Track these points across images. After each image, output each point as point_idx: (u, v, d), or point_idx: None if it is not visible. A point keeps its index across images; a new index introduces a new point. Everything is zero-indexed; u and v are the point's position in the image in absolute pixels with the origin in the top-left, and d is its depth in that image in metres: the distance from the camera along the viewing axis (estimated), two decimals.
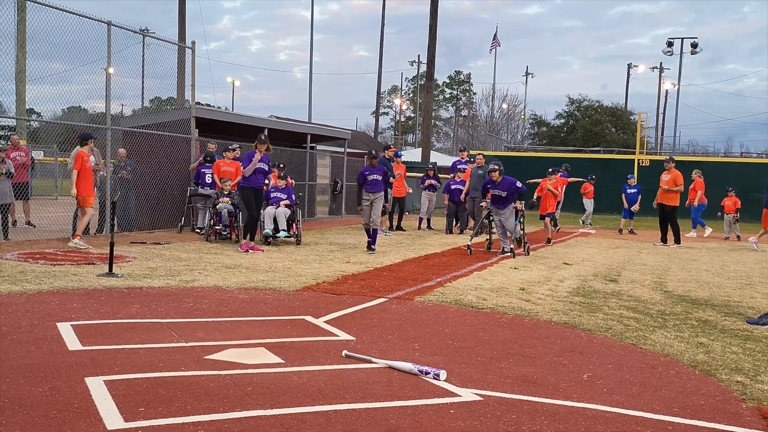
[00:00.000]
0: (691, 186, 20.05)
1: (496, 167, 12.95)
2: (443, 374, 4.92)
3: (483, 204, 13.65)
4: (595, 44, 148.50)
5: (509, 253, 12.99)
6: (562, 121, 63.97)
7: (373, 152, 13.79)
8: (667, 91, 66.84)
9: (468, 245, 13.30)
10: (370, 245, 12.92)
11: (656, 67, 67.89)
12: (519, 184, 12.98)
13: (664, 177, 16.35)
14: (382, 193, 13.14)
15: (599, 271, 11.29)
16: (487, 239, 14.15)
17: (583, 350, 5.99)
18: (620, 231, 21.16)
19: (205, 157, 15.26)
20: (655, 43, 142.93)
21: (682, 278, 10.87)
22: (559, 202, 19.04)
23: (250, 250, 12.02)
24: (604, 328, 6.85)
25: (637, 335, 6.61)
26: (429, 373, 4.94)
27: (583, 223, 24.41)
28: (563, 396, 4.66)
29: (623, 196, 20.88)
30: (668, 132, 67.02)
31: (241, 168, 12.83)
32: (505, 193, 12.92)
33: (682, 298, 8.87)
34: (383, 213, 13.44)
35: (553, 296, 8.61)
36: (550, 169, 17.83)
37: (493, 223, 13.60)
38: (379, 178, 13.02)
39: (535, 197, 17.80)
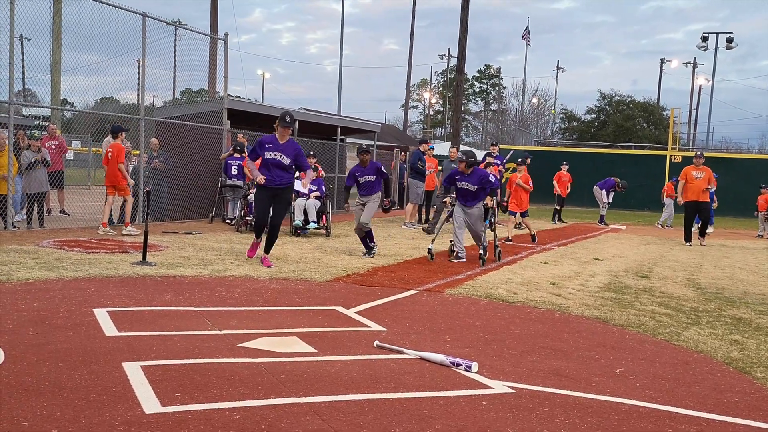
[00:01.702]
0: None
1: (464, 157, 10.81)
2: (475, 366, 4.93)
3: (446, 200, 11.49)
4: (627, 39, 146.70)
5: (463, 260, 10.84)
6: (593, 116, 63.36)
7: (364, 146, 11.62)
8: (700, 86, 65.90)
9: (429, 249, 10.99)
10: (369, 249, 11.00)
11: (690, 63, 66.98)
12: (492, 178, 11.00)
13: (696, 174, 15.54)
14: (379, 193, 11.11)
15: (630, 267, 11.20)
16: (451, 241, 11.51)
17: (615, 345, 5.95)
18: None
19: (235, 148, 15.38)
20: (688, 39, 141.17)
21: (715, 275, 10.74)
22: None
23: (261, 263, 9.29)
24: (636, 324, 6.81)
25: (669, 331, 6.56)
26: (461, 365, 4.96)
27: (662, 225, 22.05)
28: (596, 390, 4.64)
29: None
30: (701, 128, 66.22)
31: (247, 163, 10.77)
32: (475, 187, 10.71)
33: (716, 296, 8.78)
34: (387, 208, 11.35)
35: (584, 291, 8.57)
36: (519, 160, 16.50)
37: (453, 222, 11.16)
38: (373, 179, 11.05)
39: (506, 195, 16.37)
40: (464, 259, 10.82)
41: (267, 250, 9.40)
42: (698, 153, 16.36)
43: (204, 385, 4.25)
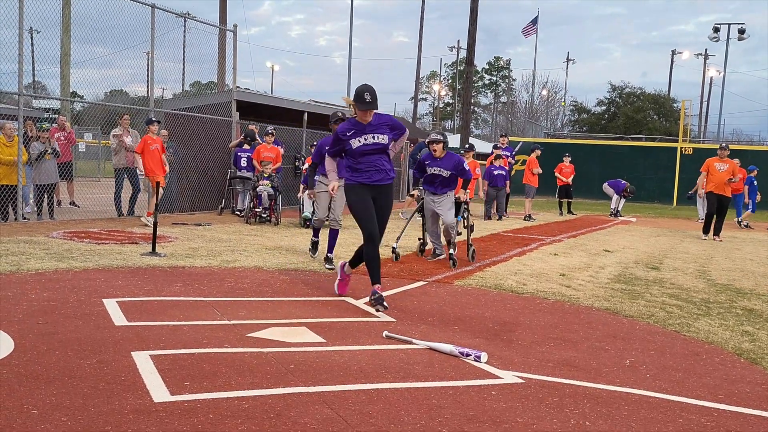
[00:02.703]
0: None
1: (441, 138, 9.44)
2: (484, 356, 4.91)
3: (414, 192, 10.03)
4: (638, 31, 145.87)
5: (441, 257, 9.80)
6: (603, 108, 63.14)
7: (339, 114, 9.03)
8: (711, 78, 65.55)
9: (393, 248, 9.66)
10: (327, 256, 8.76)
11: (701, 54, 66.55)
12: (466, 166, 9.67)
13: (720, 166, 14.77)
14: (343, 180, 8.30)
15: (641, 259, 11.15)
16: (420, 239, 10.43)
17: (625, 336, 5.92)
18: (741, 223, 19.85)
19: (245, 137, 15.39)
20: (699, 30, 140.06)
21: (726, 267, 10.68)
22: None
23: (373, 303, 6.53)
24: (647, 315, 6.77)
25: (680, 322, 6.52)
26: (470, 355, 4.94)
27: (740, 223, 20.04)
28: (605, 380, 4.62)
29: (746, 188, 19.58)
30: (712, 120, 65.82)
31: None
32: (448, 173, 9.38)
33: (726, 287, 8.72)
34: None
35: (594, 282, 8.53)
36: (467, 145, 16.09)
37: (423, 216, 10.06)
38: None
39: None
40: (443, 256, 9.73)
41: (377, 278, 6.55)
42: (723, 145, 15.71)
43: (213, 374, 4.25)
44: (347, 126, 6.62)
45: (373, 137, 6.56)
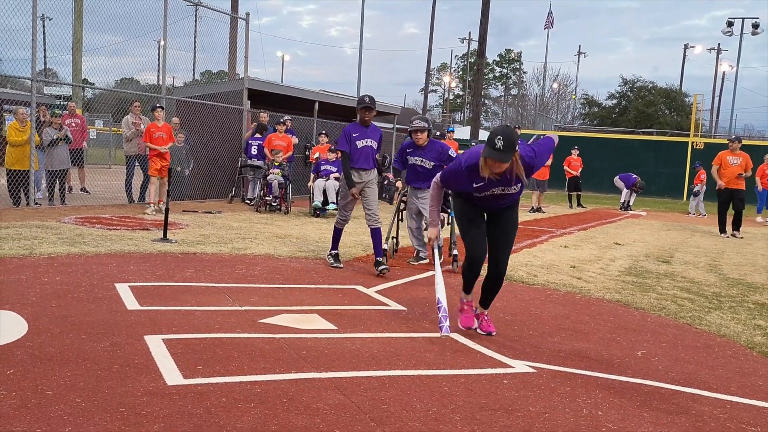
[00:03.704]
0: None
1: (424, 125, 8.17)
2: (445, 328, 4.93)
3: (398, 182, 8.54)
4: (650, 25, 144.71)
5: (424, 261, 8.51)
6: (614, 101, 62.84)
7: (367, 99, 7.83)
8: (724, 73, 65.08)
9: (384, 250, 7.98)
10: (378, 260, 7.68)
11: (713, 49, 66.08)
12: (452, 152, 8.22)
13: (732, 159, 14.38)
14: (376, 170, 8.01)
15: (651, 252, 11.11)
16: (393, 237, 8.92)
17: (637, 328, 5.91)
18: None
19: (258, 127, 15.40)
20: (712, 25, 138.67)
21: (737, 262, 10.62)
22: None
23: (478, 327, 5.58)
24: (658, 308, 6.75)
25: (691, 315, 6.49)
26: (442, 324, 5.02)
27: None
28: (617, 371, 4.61)
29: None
30: (724, 115, 65.48)
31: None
32: (432, 164, 8.08)
33: (738, 281, 8.68)
34: (387, 195, 8.48)
35: (605, 275, 8.51)
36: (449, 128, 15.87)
37: (404, 213, 8.88)
38: (375, 144, 7.88)
39: None
40: (426, 260, 8.49)
41: (487, 302, 5.54)
42: (735, 137, 15.26)
43: (225, 358, 4.26)
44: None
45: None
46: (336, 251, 8.05)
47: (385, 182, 8.45)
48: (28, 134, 11.57)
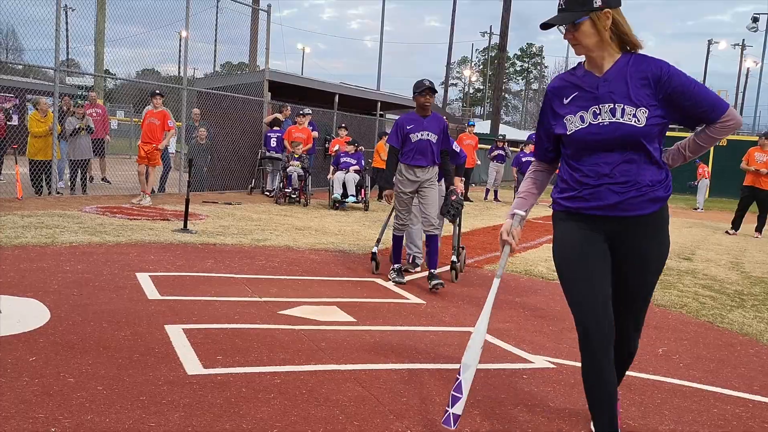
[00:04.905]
0: None
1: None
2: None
3: (386, 192, 6.97)
4: (673, 21, 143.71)
5: (417, 268, 7.49)
6: None
7: (427, 82, 6.67)
8: (748, 69, 64.33)
9: (373, 253, 7.29)
10: (433, 278, 6.53)
11: (738, 45, 65.36)
12: (457, 147, 7.38)
13: (760, 157, 13.83)
14: (437, 169, 6.81)
15: (672, 249, 10.92)
16: (378, 240, 7.54)
17: (658, 325, 5.86)
18: None
19: (273, 122, 15.43)
20: (736, 21, 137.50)
21: (760, 260, 10.51)
22: None
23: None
24: (679, 305, 6.69)
25: (713, 313, 6.43)
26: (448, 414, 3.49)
27: None
28: (638, 368, 4.56)
29: None
30: (748, 112, 64.72)
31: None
32: (436, 137, 6.71)
33: (761, 279, 8.58)
34: (451, 209, 6.96)
35: None
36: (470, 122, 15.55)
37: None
38: (435, 137, 6.71)
39: None
40: (419, 267, 7.54)
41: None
42: (765, 133, 14.57)
43: (245, 349, 4.27)
44: None
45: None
46: (399, 265, 6.88)
47: (453, 197, 6.90)
48: (49, 124, 11.65)
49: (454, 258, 7.21)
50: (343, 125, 16.29)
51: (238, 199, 13.77)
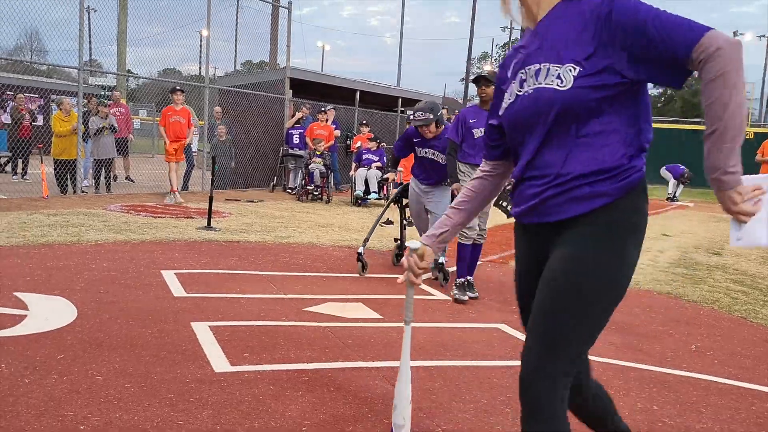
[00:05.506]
0: None
1: (429, 116, 6.34)
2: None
3: (389, 175, 7.87)
4: (698, 13, 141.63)
5: (436, 271, 6.70)
6: (660, 90, 61.63)
7: (485, 71, 6.11)
8: None
9: (359, 254, 6.77)
10: (463, 285, 6.03)
11: (764, 36, 64.36)
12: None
13: None
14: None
15: (701, 244, 10.84)
16: (396, 240, 7.68)
17: (689, 321, 5.75)
18: None
19: (297, 120, 15.44)
20: (761, 12, 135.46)
21: None
22: None
23: None
24: (711, 300, 6.56)
25: (746, 309, 6.30)
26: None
27: None
28: (671, 365, 4.48)
29: None
30: None
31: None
32: (444, 157, 6.41)
33: None
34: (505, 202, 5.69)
35: (654, 266, 8.31)
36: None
37: (407, 209, 7.15)
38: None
39: None
40: (437, 269, 6.71)
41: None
42: None
43: (272, 346, 4.24)
44: None
45: None
46: (463, 279, 6.08)
47: (507, 186, 6.09)
48: (73, 124, 11.71)
49: (443, 259, 6.59)
50: (365, 122, 16.24)
51: (261, 197, 13.77)
